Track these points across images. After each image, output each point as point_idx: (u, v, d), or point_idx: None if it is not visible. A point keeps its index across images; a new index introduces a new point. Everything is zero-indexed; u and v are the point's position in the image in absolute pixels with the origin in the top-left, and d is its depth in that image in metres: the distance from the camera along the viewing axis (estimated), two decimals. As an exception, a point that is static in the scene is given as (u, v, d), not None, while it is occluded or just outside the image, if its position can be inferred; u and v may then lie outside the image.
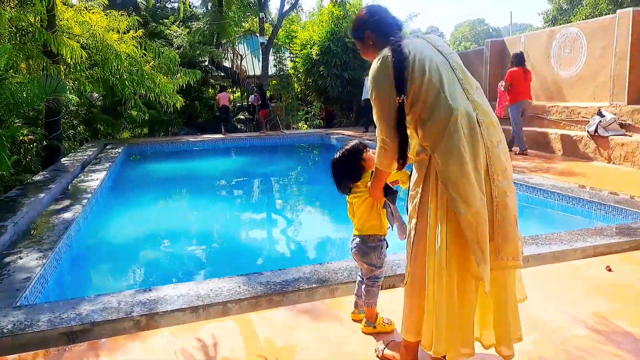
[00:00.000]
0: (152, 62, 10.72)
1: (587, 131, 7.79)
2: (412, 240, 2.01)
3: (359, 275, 2.51)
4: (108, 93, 11.17)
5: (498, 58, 11.06)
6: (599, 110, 7.92)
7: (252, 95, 15.02)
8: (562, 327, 2.48)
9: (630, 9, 7.82)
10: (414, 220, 2.01)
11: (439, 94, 1.90)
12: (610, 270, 2.34)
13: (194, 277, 4.35)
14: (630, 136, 7.46)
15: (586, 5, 26.14)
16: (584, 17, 24.71)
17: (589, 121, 8.04)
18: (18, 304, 2.74)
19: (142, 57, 10.54)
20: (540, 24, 35.52)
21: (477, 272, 1.84)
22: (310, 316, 2.63)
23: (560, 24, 26.56)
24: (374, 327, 2.44)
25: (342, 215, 6.14)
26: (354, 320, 2.55)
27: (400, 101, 1.94)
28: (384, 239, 2.41)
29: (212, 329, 2.54)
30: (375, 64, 2.01)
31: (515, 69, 8.25)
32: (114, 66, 9.74)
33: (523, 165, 7.18)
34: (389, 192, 2.31)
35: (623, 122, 7.78)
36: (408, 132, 2.04)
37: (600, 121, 7.67)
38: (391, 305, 2.71)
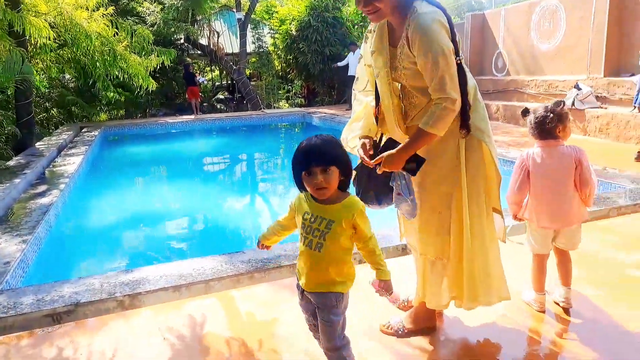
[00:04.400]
0: (125, 42, 10.44)
1: None
2: (446, 211, 2.06)
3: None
4: (80, 74, 10.87)
5: (478, 31, 11.12)
6: (577, 83, 8.05)
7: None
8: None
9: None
10: (449, 195, 2.04)
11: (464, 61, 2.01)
12: (573, 248, 2.52)
13: (175, 258, 4.40)
14: (606, 108, 7.63)
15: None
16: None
17: (566, 94, 8.18)
18: (0, 289, 2.76)
19: (114, 36, 10.24)
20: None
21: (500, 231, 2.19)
22: (291, 291, 2.69)
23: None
24: None
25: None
26: None
27: (458, 62, 1.91)
28: None
29: (195, 307, 2.61)
30: (429, 22, 1.81)
31: None
32: (85, 46, 9.45)
33: (502, 140, 7.31)
34: (413, 161, 1.97)
35: (599, 94, 7.95)
36: (415, 99, 2.04)
37: (578, 94, 7.82)
38: (372, 276, 2.84)
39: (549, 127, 2.31)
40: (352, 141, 2.27)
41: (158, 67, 11.35)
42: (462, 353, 2.15)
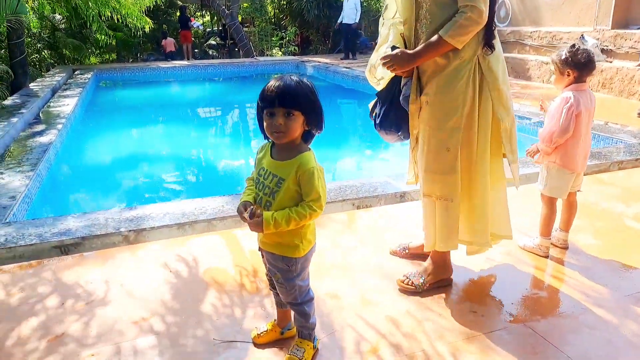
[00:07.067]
0: (117, -20, 10.03)
1: None
2: (455, 148, 2.00)
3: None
4: (71, 14, 10.52)
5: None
6: (582, 35, 7.71)
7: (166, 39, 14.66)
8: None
9: None
10: (458, 131, 1.97)
11: None
12: (579, 191, 2.60)
13: (172, 198, 4.48)
14: (611, 62, 7.39)
15: None
16: None
17: (570, 47, 7.99)
18: (7, 221, 2.83)
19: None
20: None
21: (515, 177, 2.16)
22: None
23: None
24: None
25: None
26: (258, 344, 1.86)
27: None
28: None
29: (199, 242, 2.70)
30: None
31: None
32: (75, -17, 9.10)
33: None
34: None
35: (605, 47, 7.65)
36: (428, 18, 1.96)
37: (582, 47, 7.62)
38: (370, 221, 2.98)
39: (594, 65, 2.33)
40: (379, 70, 2.18)
41: (149, 9, 11.00)
42: (463, 295, 2.21)
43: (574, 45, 2.36)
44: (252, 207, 1.54)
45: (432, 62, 1.98)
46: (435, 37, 1.89)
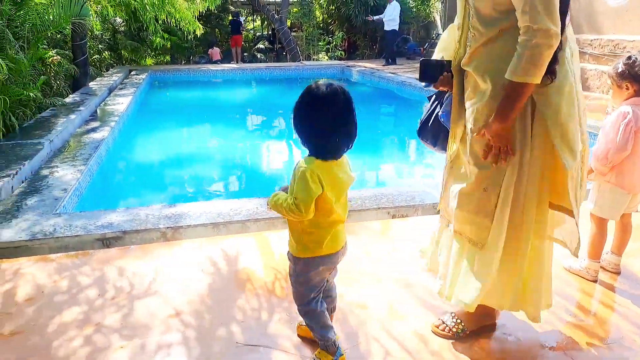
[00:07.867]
0: (172, -14, 10.47)
1: None
2: (494, 189, 1.69)
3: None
4: (130, 18, 11.09)
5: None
6: None
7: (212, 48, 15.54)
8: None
9: None
10: (499, 171, 1.67)
11: None
12: (636, 211, 2.42)
13: (212, 198, 4.60)
14: None
15: None
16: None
17: (633, 57, 7.51)
18: (58, 212, 3.01)
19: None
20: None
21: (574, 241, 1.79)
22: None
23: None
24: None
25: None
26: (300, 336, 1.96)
27: None
28: None
29: (232, 243, 2.76)
30: None
31: None
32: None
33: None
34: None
35: None
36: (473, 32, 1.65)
37: (647, 57, 7.16)
38: (405, 231, 2.95)
39: None
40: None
41: (202, 14, 11.41)
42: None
43: (630, 57, 2.21)
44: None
45: (473, 85, 1.72)
46: (508, 85, 1.56)
